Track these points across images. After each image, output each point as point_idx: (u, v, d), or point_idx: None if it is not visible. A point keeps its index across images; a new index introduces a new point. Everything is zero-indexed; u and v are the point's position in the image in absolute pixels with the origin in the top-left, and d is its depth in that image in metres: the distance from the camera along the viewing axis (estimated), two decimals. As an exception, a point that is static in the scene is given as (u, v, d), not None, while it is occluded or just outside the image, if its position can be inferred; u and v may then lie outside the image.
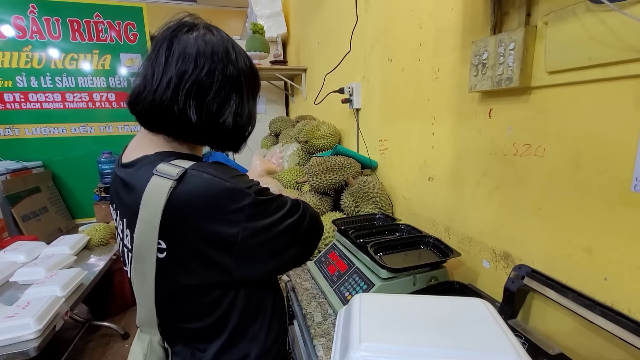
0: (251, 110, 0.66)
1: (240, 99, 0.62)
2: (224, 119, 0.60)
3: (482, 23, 0.83)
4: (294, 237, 0.62)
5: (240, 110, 0.62)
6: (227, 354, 0.64)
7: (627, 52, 0.53)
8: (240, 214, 0.54)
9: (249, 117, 0.65)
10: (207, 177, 0.55)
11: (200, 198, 0.53)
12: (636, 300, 0.56)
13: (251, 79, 0.66)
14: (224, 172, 0.57)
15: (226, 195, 0.54)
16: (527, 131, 0.74)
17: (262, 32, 2.35)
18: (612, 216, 0.59)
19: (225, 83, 0.60)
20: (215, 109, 0.60)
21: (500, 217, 0.83)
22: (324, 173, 1.29)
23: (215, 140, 0.65)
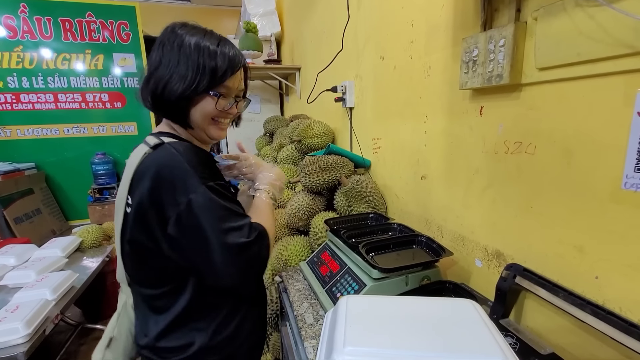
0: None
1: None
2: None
3: (472, 19, 0.82)
4: (227, 255, 0.60)
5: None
6: (171, 335, 0.70)
7: (616, 47, 0.52)
8: (183, 197, 0.59)
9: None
10: (173, 153, 0.62)
11: (158, 165, 0.61)
12: (627, 299, 0.55)
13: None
14: (196, 157, 0.63)
15: (180, 174, 0.60)
16: (518, 129, 0.73)
17: (255, 30, 2.34)
18: (603, 214, 0.58)
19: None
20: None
21: (492, 216, 0.82)
22: (317, 172, 1.28)
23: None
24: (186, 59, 0.65)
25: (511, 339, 0.65)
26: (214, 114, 0.70)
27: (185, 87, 0.64)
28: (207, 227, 0.59)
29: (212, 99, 0.68)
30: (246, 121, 2.89)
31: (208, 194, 0.60)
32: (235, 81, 0.71)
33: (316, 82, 1.92)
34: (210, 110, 0.69)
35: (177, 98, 0.65)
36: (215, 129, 0.73)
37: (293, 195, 1.43)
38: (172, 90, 0.65)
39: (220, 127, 0.74)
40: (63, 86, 3.16)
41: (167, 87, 0.65)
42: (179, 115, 0.69)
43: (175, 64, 0.65)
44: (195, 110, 0.69)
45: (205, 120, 0.71)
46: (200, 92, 0.66)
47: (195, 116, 0.69)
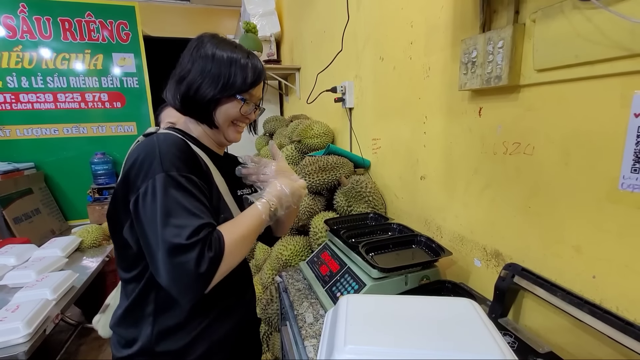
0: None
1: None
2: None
3: (471, 21, 0.82)
4: (161, 251, 0.56)
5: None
6: (123, 324, 0.72)
7: (613, 49, 0.53)
8: (144, 181, 0.60)
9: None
10: (152, 140, 0.65)
11: (136, 150, 0.64)
12: (624, 298, 0.56)
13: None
14: (173, 148, 0.64)
15: (148, 159, 0.62)
16: (516, 129, 0.73)
17: (254, 31, 2.34)
18: (600, 214, 0.59)
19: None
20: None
21: (491, 216, 0.82)
22: (317, 173, 1.28)
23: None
24: (218, 68, 0.70)
25: (509, 338, 0.65)
26: (236, 117, 0.75)
27: (216, 91, 0.70)
28: (151, 216, 0.58)
29: (238, 103, 0.73)
30: (246, 121, 2.90)
31: (164, 182, 0.59)
32: (258, 90, 0.77)
33: (316, 82, 1.93)
34: (234, 113, 0.74)
35: (208, 101, 0.71)
36: (233, 131, 0.78)
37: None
38: (204, 93, 0.70)
39: (237, 130, 0.79)
40: (62, 86, 3.17)
41: (199, 90, 0.70)
42: (205, 115, 0.74)
43: (208, 70, 0.70)
44: (220, 111, 0.73)
45: (227, 122, 0.75)
46: (229, 96, 0.72)
47: (219, 117, 0.74)
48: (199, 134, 0.78)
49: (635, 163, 0.52)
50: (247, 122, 0.80)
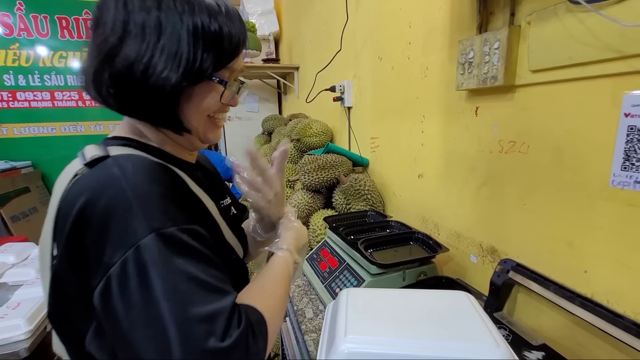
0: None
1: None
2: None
3: (468, 22, 0.84)
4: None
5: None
6: None
7: (605, 51, 0.55)
8: (117, 251, 0.35)
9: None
10: (114, 175, 0.38)
11: (87, 197, 0.37)
12: (614, 292, 0.58)
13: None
14: (154, 184, 0.40)
15: (118, 211, 0.36)
16: (511, 128, 0.75)
17: (253, 30, 2.35)
18: (592, 211, 0.61)
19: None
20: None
21: (487, 213, 0.84)
22: (316, 171, 1.30)
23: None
24: (174, 23, 0.41)
25: (504, 331, 0.67)
26: (214, 109, 0.49)
27: (183, 71, 0.42)
28: (145, 313, 0.34)
29: (215, 89, 0.47)
30: (245, 120, 2.91)
31: (159, 249, 0.35)
32: (240, 60, 0.50)
33: (315, 81, 1.94)
34: (212, 105, 0.48)
35: (168, 92, 0.42)
36: (213, 128, 0.52)
37: (292, 194, 1.45)
38: (162, 78, 0.41)
39: (218, 125, 0.53)
40: (60, 84, 3.16)
41: (149, 72, 0.41)
42: (168, 115, 0.45)
43: (156, 30, 0.40)
44: (189, 106, 0.46)
45: (202, 118, 0.49)
46: (201, 80, 0.44)
47: (189, 115, 0.47)
48: (160, 141, 0.50)
49: (625, 161, 0.54)
50: (228, 110, 0.55)
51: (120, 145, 0.46)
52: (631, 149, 0.53)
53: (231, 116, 2.85)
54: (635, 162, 0.53)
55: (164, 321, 0.33)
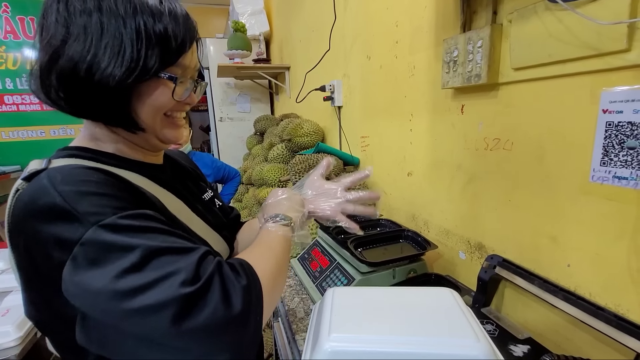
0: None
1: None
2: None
3: (453, 21, 0.85)
4: (168, 324, 0.33)
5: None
6: None
7: (583, 49, 0.56)
8: (65, 252, 0.36)
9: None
10: (43, 185, 0.39)
11: (21, 210, 0.39)
12: (596, 284, 0.59)
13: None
14: (87, 184, 0.39)
15: (55, 217, 0.37)
16: (496, 126, 0.76)
17: (243, 30, 2.34)
18: (574, 206, 0.62)
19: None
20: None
21: (474, 210, 0.85)
22: (307, 171, 1.30)
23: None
24: (116, 24, 0.42)
25: (491, 326, 0.68)
26: (168, 106, 0.49)
27: (127, 67, 0.42)
28: (105, 288, 0.34)
29: (165, 86, 0.47)
30: (237, 120, 2.90)
31: (107, 238, 0.36)
32: (192, 56, 0.50)
33: (304, 81, 1.94)
34: (164, 102, 0.48)
35: (117, 86, 0.42)
36: (170, 128, 0.52)
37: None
38: (107, 75, 0.41)
39: (176, 124, 0.53)
40: (48, 87, 3.11)
41: (94, 69, 0.41)
42: (118, 113, 0.46)
43: (98, 31, 0.41)
44: (141, 104, 0.46)
45: (157, 117, 0.49)
46: (148, 77, 0.44)
47: (142, 113, 0.47)
48: (117, 145, 0.50)
49: (604, 156, 0.55)
50: (187, 108, 0.55)
51: (65, 156, 0.46)
52: (609, 145, 0.54)
53: (223, 117, 2.84)
54: (613, 157, 0.54)
55: (122, 293, 0.34)
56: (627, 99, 0.51)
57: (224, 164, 1.97)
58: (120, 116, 0.46)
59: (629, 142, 0.52)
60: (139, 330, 0.35)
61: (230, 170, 1.95)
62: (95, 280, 0.34)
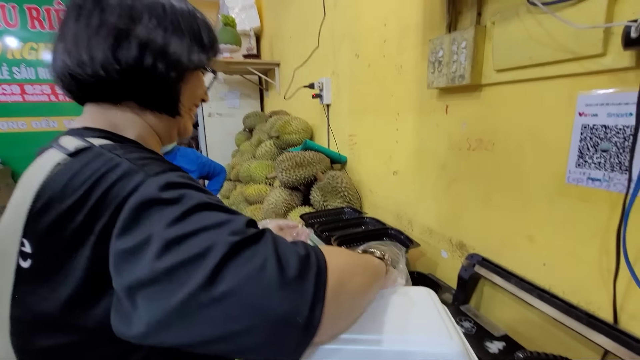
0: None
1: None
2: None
3: (439, 21, 0.85)
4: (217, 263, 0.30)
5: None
6: None
7: (561, 52, 0.57)
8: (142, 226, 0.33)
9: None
10: (111, 156, 0.38)
11: (95, 180, 0.36)
12: (569, 283, 0.61)
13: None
14: (153, 155, 0.42)
15: (123, 177, 0.36)
16: (479, 126, 0.77)
17: (233, 24, 2.30)
18: (551, 206, 0.63)
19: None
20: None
21: (456, 209, 0.86)
22: (293, 168, 1.30)
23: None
24: (178, 19, 0.46)
25: (469, 323, 0.69)
26: (201, 97, 0.55)
27: (190, 56, 0.47)
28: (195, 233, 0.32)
29: (200, 79, 0.54)
30: (226, 116, 2.86)
31: (204, 200, 0.35)
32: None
33: (293, 78, 1.93)
34: (201, 93, 0.54)
35: (180, 71, 0.47)
36: (190, 120, 0.57)
37: (270, 191, 1.44)
38: (175, 60, 0.45)
39: (192, 119, 0.58)
40: (30, 77, 3.02)
41: (167, 55, 0.44)
42: (169, 99, 0.49)
43: (166, 22, 0.45)
44: (187, 92, 0.51)
45: (192, 106, 0.54)
46: (199, 66, 0.50)
47: (185, 99, 0.51)
48: (140, 132, 0.49)
49: (579, 158, 0.57)
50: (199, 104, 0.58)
51: (99, 137, 0.44)
52: (584, 147, 0.56)
53: (211, 112, 2.81)
54: (587, 159, 0.55)
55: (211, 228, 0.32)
56: (602, 103, 0.53)
57: (209, 160, 1.94)
58: (169, 100, 0.49)
59: (602, 144, 0.53)
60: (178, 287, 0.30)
61: (215, 166, 1.92)
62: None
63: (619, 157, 0.51)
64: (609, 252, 0.53)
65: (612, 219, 0.53)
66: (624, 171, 0.50)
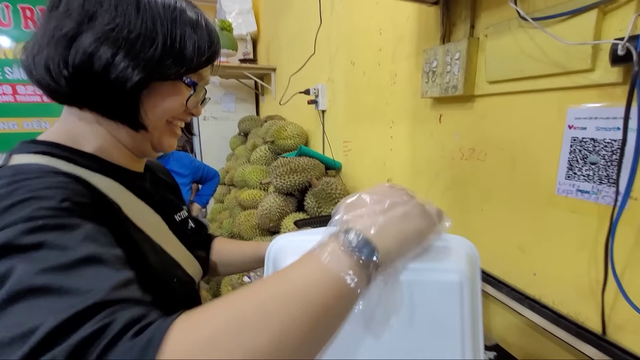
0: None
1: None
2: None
3: (433, 32, 0.87)
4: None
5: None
6: None
7: (552, 66, 0.58)
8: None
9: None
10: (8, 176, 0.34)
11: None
12: (559, 293, 0.61)
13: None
14: (45, 186, 0.34)
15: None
16: (471, 136, 0.78)
17: (230, 29, 2.31)
18: (541, 217, 0.64)
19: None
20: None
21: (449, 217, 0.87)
22: (288, 174, 1.30)
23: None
24: (153, 20, 0.41)
25: (461, 333, 0.69)
26: (177, 112, 0.47)
27: (159, 66, 0.42)
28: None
29: (181, 91, 0.46)
30: (221, 120, 2.86)
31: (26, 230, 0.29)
32: (210, 69, 0.51)
33: (289, 84, 1.94)
34: (176, 107, 0.46)
35: (139, 82, 0.41)
36: (169, 135, 0.50)
37: (265, 197, 1.44)
38: (127, 71, 0.40)
39: (175, 133, 0.51)
40: (23, 77, 2.98)
41: (116, 62, 0.39)
42: (125, 109, 0.43)
43: (135, 23, 0.40)
44: (152, 103, 0.44)
45: (162, 120, 0.47)
46: (170, 77, 0.44)
47: (151, 113, 0.45)
48: (102, 143, 0.45)
49: (569, 170, 0.58)
50: (189, 119, 0.53)
51: (30, 152, 0.41)
52: (574, 159, 0.57)
53: (207, 116, 2.80)
54: (577, 171, 0.56)
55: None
56: (591, 117, 0.54)
57: (202, 164, 1.93)
58: (127, 110, 0.43)
59: (591, 157, 0.54)
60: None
61: (209, 170, 1.91)
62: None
63: (607, 170, 0.52)
64: (598, 264, 0.54)
65: (600, 230, 0.54)
66: (611, 184, 0.51)
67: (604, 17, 0.51)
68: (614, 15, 0.50)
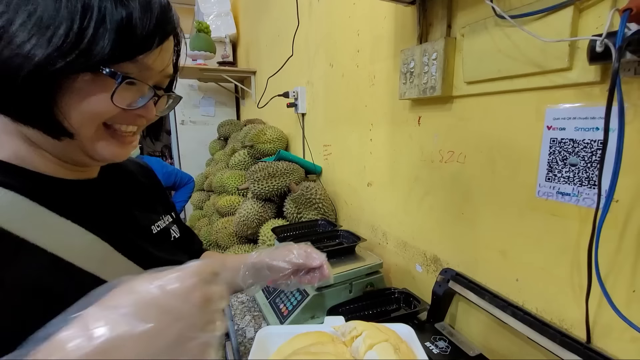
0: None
1: None
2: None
3: (410, 32, 0.85)
4: None
5: None
6: None
7: (529, 65, 0.56)
8: None
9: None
10: None
11: None
12: (542, 299, 0.59)
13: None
14: None
15: None
16: (450, 138, 0.76)
17: (207, 31, 2.25)
18: (522, 220, 0.62)
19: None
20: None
21: (430, 222, 0.85)
22: (266, 179, 1.25)
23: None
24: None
25: (444, 343, 0.67)
26: (107, 114, 0.38)
27: (52, 51, 0.32)
28: None
29: (106, 86, 0.36)
30: (200, 124, 2.78)
31: None
32: (162, 57, 0.39)
33: (266, 86, 1.89)
34: (101, 107, 0.37)
35: (31, 75, 0.32)
36: (110, 142, 0.40)
37: (242, 202, 1.38)
38: (21, 58, 0.31)
39: (120, 140, 0.41)
40: None
41: (11, 51, 0.31)
42: (35, 109, 0.34)
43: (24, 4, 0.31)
44: (71, 104, 0.35)
45: (91, 125, 0.37)
46: (85, 68, 0.34)
47: (71, 116, 0.36)
48: (16, 150, 0.39)
49: (549, 172, 0.56)
50: (142, 122, 0.42)
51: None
52: (553, 161, 0.55)
53: (185, 120, 2.71)
54: (557, 173, 0.55)
55: None
56: (569, 117, 0.52)
57: (175, 169, 1.85)
58: (37, 113, 0.34)
59: (570, 158, 0.52)
60: None
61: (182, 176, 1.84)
62: None
63: (587, 171, 0.50)
64: (581, 268, 0.52)
65: (582, 234, 0.52)
66: (592, 186, 0.50)
67: (580, 15, 0.50)
68: (590, 12, 0.49)
